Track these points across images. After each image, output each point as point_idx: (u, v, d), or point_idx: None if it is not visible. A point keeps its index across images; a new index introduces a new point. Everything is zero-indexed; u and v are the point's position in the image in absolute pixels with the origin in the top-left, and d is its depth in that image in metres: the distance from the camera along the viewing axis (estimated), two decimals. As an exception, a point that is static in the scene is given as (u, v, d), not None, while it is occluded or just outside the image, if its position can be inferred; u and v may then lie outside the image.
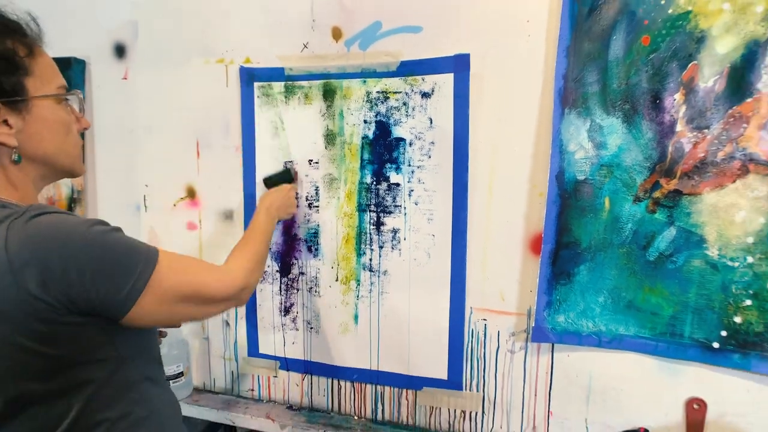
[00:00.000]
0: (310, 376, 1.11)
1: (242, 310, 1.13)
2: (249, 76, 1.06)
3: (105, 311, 0.55)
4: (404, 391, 1.05)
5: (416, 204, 0.99)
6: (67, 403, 0.56)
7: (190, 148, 1.13)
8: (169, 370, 1.08)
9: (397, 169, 1.00)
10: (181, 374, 1.11)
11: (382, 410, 1.07)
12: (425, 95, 0.96)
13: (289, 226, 1.08)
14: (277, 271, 1.10)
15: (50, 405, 0.55)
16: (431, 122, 0.97)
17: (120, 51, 1.15)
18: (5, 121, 0.57)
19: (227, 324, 1.15)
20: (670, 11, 0.84)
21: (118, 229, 0.59)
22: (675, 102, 0.86)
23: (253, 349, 1.14)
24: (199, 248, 1.15)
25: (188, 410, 1.11)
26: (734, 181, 0.85)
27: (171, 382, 1.09)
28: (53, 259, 0.51)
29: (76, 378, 0.56)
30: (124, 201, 1.19)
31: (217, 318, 1.15)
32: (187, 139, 1.12)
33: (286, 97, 1.05)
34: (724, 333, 0.87)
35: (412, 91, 0.97)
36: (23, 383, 0.53)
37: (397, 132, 0.99)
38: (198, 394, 1.17)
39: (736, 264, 0.85)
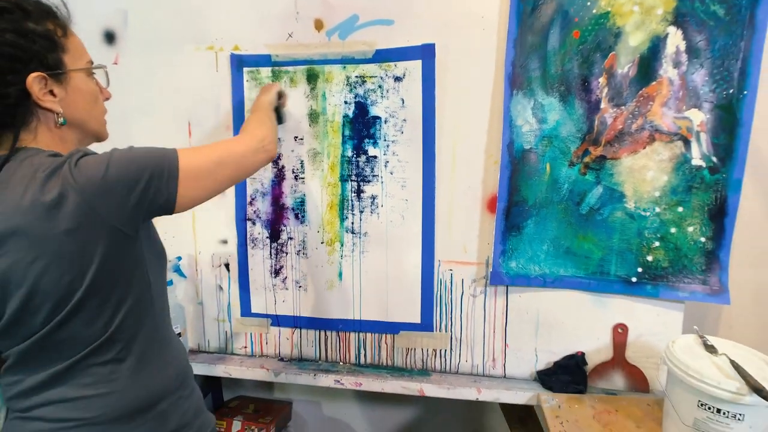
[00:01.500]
0: (299, 330, 1.24)
1: (234, 274, 1.24)
2: (239, 62, 1.17)
3: (160, 208, 0.67)
4: (384, 336, 1.20)
5: (391, 173, 1.15)
6: (110, 315, 0.66)
7: (182, 129, 1.22)
8: None
9: (374, 144, 1.15)
10: (178, 335, 1.21)
11: (365, 355, 1.22)
12: (398, 79, 1.12)
13: (277, 197, 1.21)
14: (267, 237, 1.22)
15: (97, 316, 0.66)
16: (403, 102, 1.12)
17: (110, 38, 1.22)
18: (51, 91, 0.67)
19: (221, 288, 1.26)
20: (594, 11, 1.04)
21: (132, 147, 0.69)
22: (599, 84, 1.06)
23: (245, 309, 1.26)
24: (193, 220, 1.25)
25: (186, 368, 1.21)
26: (644, 148, 1.06)
27: None
28: (109, 183, 0.63)
29: (119, 293, 0.67)
30: (116, 179, 1.26)
31: (210, 283, 1.26)
32: (179, 120, 1.22)
33: (273, 81, 1.17)
34: (639, 269, 1.09)
35: (386, 75, 1.12)
36: (79, 294, 0.63)
37: (374, 111, 1.14)
38: (193, 354, 1.28)
39: (648, 214, 1.07)
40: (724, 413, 0.84)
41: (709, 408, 0.85)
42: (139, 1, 1.19)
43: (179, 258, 1.26)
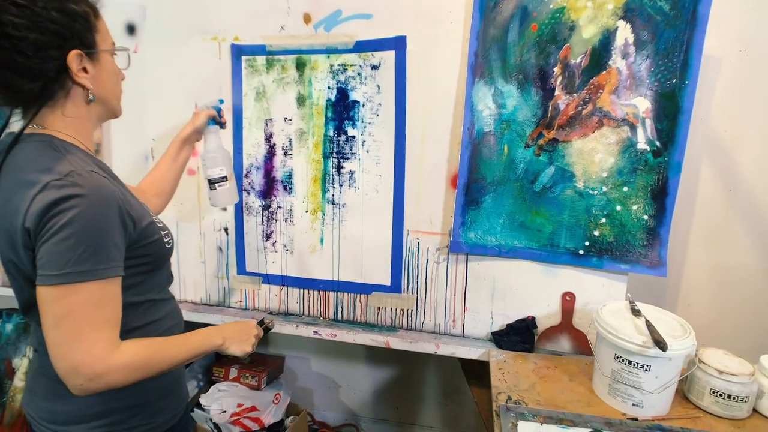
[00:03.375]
0: (286, 288, 1.42)
1: (232, 238, 1.43)
2: (238, 51, 1.34)
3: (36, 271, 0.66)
4: (358, 295, 1.36)
5: (367, 152, 1.30)
6: None
7: (190, 109, 1.39)
8: (213, 172, 1.12)
9: (353, 125, 1.30)
10: (224, 179, 1.12)
11: (342, 311, 1.38)
12: (374, 67, 1.26)
13: (269, 171, 1.38)
14: (260, 206, 1.39)
15: None
16: (379, 88, 1.26)
17: (131, 29, 1.41)
18: (84, 68, 0.71)
19: (220, 250, 1.45)
20: (551, 6, 1.14)
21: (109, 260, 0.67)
22: (554, 73, 1.17)
23: (241, 268, 1.44)
24: (198, 188, 1.43)
25: (188, 316, 1.40)
26: (594, 132, 1.16)
27: (217, 185, 1.11)
28: (42, 221, 0.65)
29: None
30: (135, 152, 1.46)
31: (212, 244, 1.45)
32: (187, 101, 1.40)
33: (267, 68, 1.33)
34: (587, 243, 1.20)
35: (365, 64, 1.26)
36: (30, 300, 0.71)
37: (353, 96, 1.28)
38: (196, 305, 1.47)
39: (595, 192, 1.18)
40: (634, 364, 0.95)
41: (623, 360, 0.97)
42: (156, -3, 1.37)
43: (221, 100, 1.21)
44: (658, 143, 1.13)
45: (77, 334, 0.65)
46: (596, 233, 1.19)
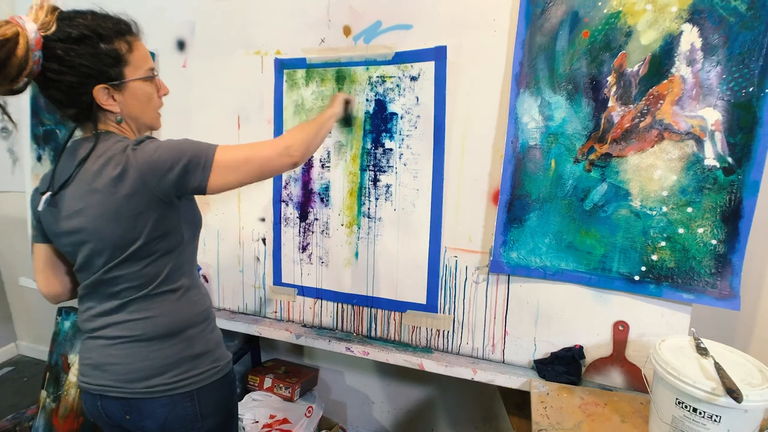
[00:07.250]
0: (320, 301, 1.40)
1: (269, 248, 1.43)
2: (280, 65, 1.35)
3: (194, 189, 0.83)
4: (393, 312, 1.32)
5: (405, 165, 1.26)
6: (151, 262, 0.85)
7: (233, 121, 1.43)
8: None
9: (391, 137, 1.26)
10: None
11: (375, 328, 1.34)
12: (413, 79, 1.22)
13: (306, 182, 1.37)
14: (297, 217, 1.39)
15: (140, 262, 0.85)
16: (417, 100, 1.22)
17: (181, 45, 1.47)
18: (113, 97, 0.84)
19: (258, 259, 1.46)
20: (605, 11, 1.06)
21: (185, 138, 0.85)
22: (608, 83, 1.08)
23: (277, 279, 1.44)
24: (238, 199, 1.45)
25: (226, 324, 1.42)
26: (653, 146, 1.06)
27: None
28: (156, 162, 0.80)
29: (158, 247, 0.85)
30: (182, 163, 1.51)
31: (250, 254, 1.46)
32: (231, 114, 1.43)
33: (306, 81, 1.33)
34: (643, 268, 1.08)
35: (404, 75, 1.23)
36: (131, 246, 0.83)
37: (392, 108, 1.25)
38: (233, 314, 1.49)
39: (654, 213, 1.07)
40: (700, 413, 0.84)
41: (686, 406, 0.85)
42: (204, 14, 1.41)
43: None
44: (730, 159, 1.00)
45: (259, 145, 0.89)
46: (654, 258, 1.07)
